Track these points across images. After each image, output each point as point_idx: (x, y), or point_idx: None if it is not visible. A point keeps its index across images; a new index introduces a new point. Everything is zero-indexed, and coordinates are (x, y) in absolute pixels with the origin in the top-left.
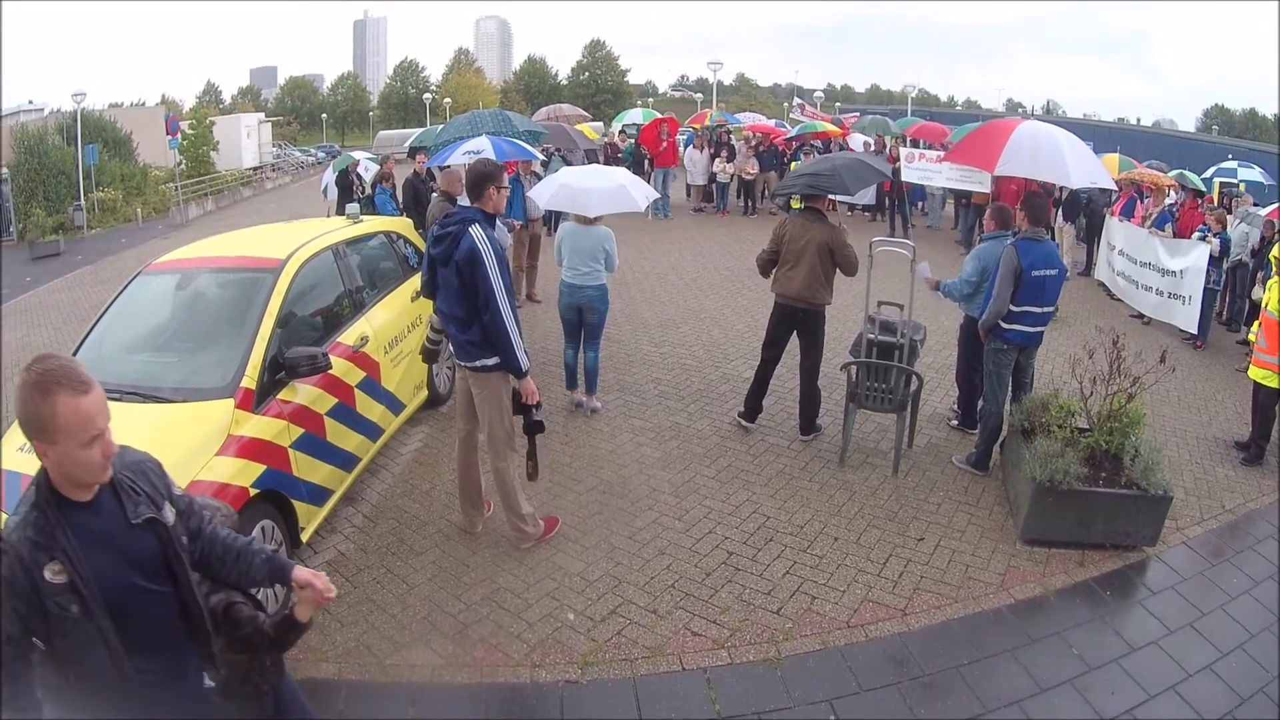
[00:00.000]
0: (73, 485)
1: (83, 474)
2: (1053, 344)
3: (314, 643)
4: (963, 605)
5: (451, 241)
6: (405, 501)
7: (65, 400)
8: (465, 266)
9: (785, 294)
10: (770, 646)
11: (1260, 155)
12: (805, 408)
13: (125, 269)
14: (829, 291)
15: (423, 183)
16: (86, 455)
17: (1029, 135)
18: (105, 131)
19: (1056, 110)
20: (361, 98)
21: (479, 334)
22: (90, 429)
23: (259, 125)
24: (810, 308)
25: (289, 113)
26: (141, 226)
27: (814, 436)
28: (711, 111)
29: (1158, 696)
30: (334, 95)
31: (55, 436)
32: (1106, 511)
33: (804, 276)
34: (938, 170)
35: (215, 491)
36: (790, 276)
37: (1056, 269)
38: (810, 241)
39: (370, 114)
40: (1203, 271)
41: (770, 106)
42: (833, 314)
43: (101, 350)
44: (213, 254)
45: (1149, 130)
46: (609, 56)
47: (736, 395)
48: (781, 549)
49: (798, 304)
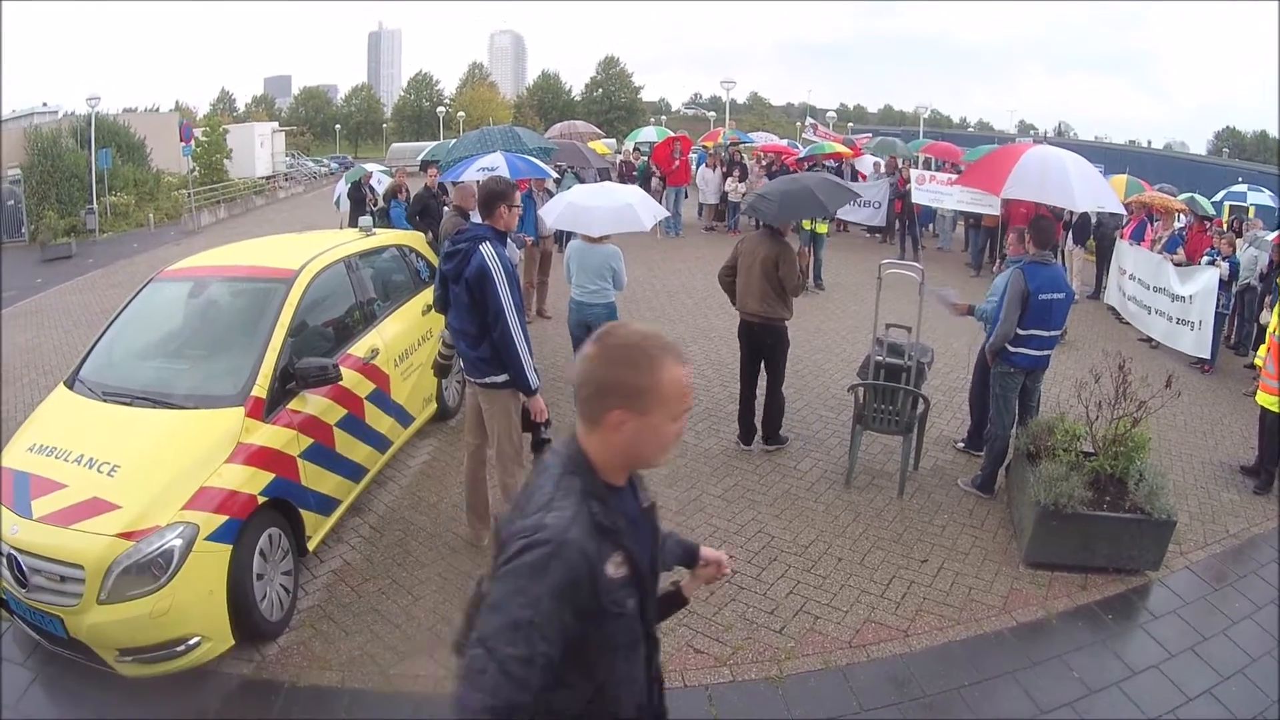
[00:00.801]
0: (623, 467)
1: (656, 451)
2: (1060, 367)
3: (318, 650)
4: (965, 627)
5: (462, 258)
6: (412, 513)
7: (671, 368)
8: (475, 283)
9: (742, 310)
10: (772, 665)
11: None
12: (768, 419)
13: (137, 274)
14: (785, 307)
15: (433, 197)
16: (675, 429)
17: (1038, 159)
18: (119, 136)
19: (1068, 133)
20: (375, 109)
21: (489, 350)
22: (685, 400)
23: (272, 134)
24: (764, 322)
25: (302, 122)
26: (153, 232)
27: (777, 448)
28: (724, 130)
29: None
30: (348, 106)
31: (650, 406)
32: (1110, 535)
33: (755, 292)
34: (948, 192)
35: (224, 499)
36: (744, 292)
37: (1064, 293)
38: (756, 258)
39: (384, 126)
40: (1213, 296)
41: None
42: (841, 335)
43: (113, 355)
44: (226, 263)
45: (1159, 153)
46: (623, 73)
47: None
48: (786, 569)
49: (753, 319)
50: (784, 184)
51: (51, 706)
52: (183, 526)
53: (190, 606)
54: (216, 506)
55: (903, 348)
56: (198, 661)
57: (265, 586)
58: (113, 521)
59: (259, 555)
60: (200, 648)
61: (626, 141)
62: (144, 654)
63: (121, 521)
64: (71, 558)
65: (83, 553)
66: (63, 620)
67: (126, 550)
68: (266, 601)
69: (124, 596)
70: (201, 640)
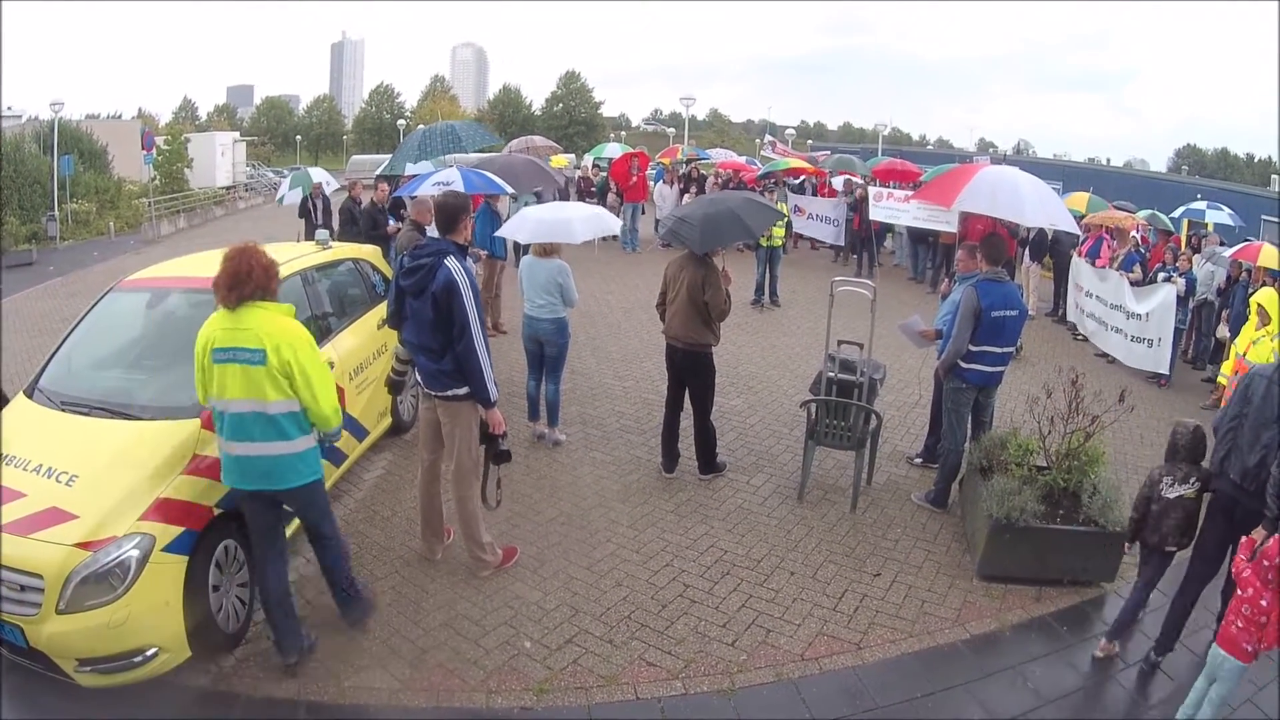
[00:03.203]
0: None
1: None
2: (1015, 383)
3: (274, 661)
4: (918, 640)
5: (427, 273)
6: (366, 527)
7: None
8: (442, 297)
9: (667, 333)
10: (724, 678)
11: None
12: (700, 447)
13: (97, 283)
14: (709, 333)
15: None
16: None
17: (992, 176)
18: (81, 143)
19: (1027, 150)
20: (336, 121)
21: (451, 364)
22: None
23: (233, 144)
24: (688, 347)
25: (264, 133)
26: (113, 240)
27: (713, 476)
28: (682, 147)
29: None
30: (309, 117)
31: None
32: (1064, 548)
33: (679, 316)
34: (905, 209)
35: (180, 510)
36: (671, 316)
37: (1017, 310)
38: (683, 281)
39: (344, 138)
40: (1171, 312)
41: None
42: (796, 352)
43: (72, 365)
44: (184, 274)
45: (1119, 170)
46: (583, 88)
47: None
48: (738, 582)
49: (676, 344)
50: (704, 206)
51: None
52: (140, 537)
53: (147, 617)
54: (172, 517)
55: (855, 364)
56: (156, 672)
57: (221, 598)
58: (71, 531)
59: (215, 567)
60: (158, 659)
61: (589, 156)
62: (102, 664)
63: (80, 531)
64: (31, 567)
65: (42, 562)
66: (23, 630)
67: (84, 560)
68: (223, 613)
69: (82, 606)
70: (159, 651)
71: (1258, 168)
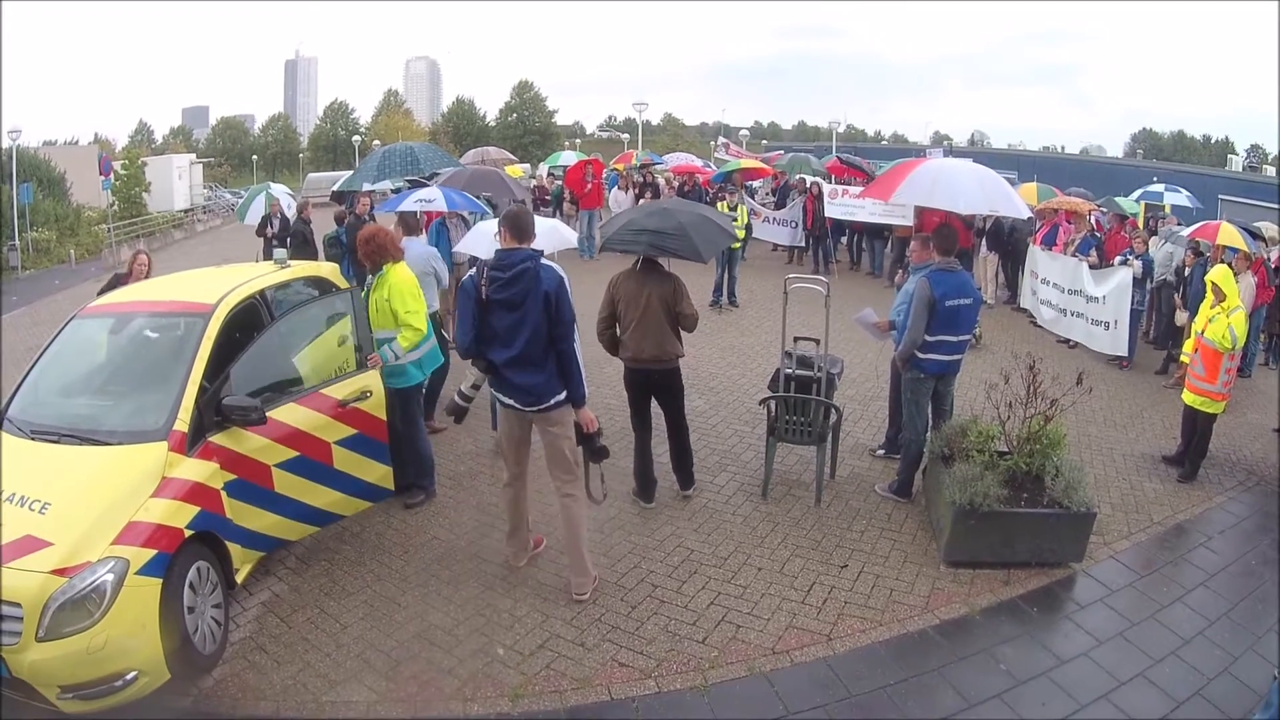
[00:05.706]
0: None
1: None
2: (974, 371)
3: (252, 681)
4: (888, 628)
5: (531, 278)
6: (336, 543)
7: None
8: (555, 295)
9: (638, 358)
10: (697, 675)
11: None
12: (679, 464)
13: (61, 311)
14: (680, 343)
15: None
16: None
17: (933, 169)
18: (39, 170)
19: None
20: (292, 139)
21: (554, 368)
22: None
23: (190, 166)
24: (665, 367)
25: (220, 154)
26: (75, 268)
27: (694, 490)
28: (637, 152)
29: (1090, 705)
30: (265, 136)
31: None
32: (1029, 531)
33: (653, 335)
34: (860, 205)
35: (152, 533)
36: (638, 337)
37: (970, 298)
38: (650, 297)
39: (300, 156)
40: (1128, 294)
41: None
42: (755, 351)
43: (39, 393)
44: (146, 298)
45: (1074, 158)
46: (536, 98)
47: (659, 433)
48: (706, 580)
49: (653, 366)
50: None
51: None
52: (113, 561)
53: (125, 641)
54: (145, 540)
55: (812, 359)
56: (137, 695)
57: (197, 620)
58: (47, 558)
59: (189, 588)
60: (138, 682)
61: (544, 165)
62: (84, 690)
63: (55, 558)
64: (10, 595)
65: (20, 590)
66: (4, 660)
67: (61, 586)
68: (199, 634)
69: (61, 633)
70: (139, 675)
71: (1215, 148)
